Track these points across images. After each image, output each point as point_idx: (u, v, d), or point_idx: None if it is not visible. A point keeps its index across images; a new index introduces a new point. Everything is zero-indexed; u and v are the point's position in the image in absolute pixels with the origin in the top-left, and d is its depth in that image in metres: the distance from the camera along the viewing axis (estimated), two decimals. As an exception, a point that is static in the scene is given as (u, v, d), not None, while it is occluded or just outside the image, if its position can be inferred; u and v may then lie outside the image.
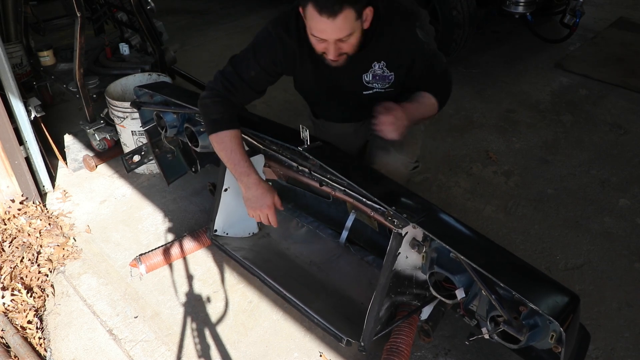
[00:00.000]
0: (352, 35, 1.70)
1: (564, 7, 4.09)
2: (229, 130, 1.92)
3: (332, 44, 1.71)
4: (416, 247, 1.68)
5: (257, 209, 1.97)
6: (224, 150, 1.93)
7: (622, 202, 2.71)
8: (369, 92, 1.98)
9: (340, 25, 1.65)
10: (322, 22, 1.64)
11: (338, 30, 1.66)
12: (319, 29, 1.67)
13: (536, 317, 1.44)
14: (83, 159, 2.97)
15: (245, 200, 1.99)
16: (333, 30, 1.66)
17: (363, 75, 1.94)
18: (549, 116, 3.47)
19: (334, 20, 1.62)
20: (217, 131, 1.92)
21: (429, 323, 1.92)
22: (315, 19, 1.65)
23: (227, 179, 2.18)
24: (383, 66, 1.91)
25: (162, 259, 2.30)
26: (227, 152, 1.93)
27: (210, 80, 1.97)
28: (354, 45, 1.75)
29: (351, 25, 1.66)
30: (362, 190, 1.70)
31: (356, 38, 1.73)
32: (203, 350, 1.99)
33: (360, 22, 1.70)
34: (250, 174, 1.94)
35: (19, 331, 2.02)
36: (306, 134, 1.83)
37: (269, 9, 5.27)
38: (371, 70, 1.92)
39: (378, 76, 1.94)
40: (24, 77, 3.25)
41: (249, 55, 1.92)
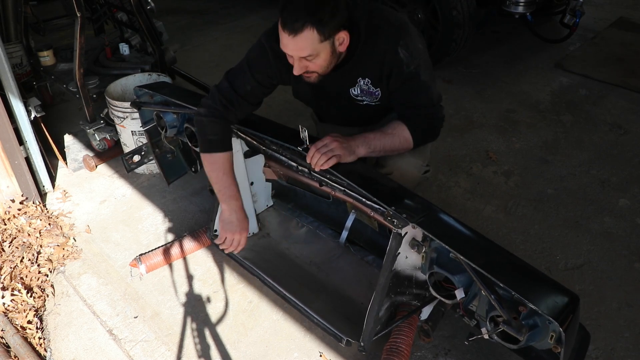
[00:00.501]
0: (318, 57, 1.69)
1: (564, 7, 4.08)
2: (223, 153, 1.95)
3: (296, 60, 1.71)
4: (416, 247, 1.68)
5: (234, 232, 2.01)
6: (215, 171, 1.97)
7: (622, 202, 2.71)
8: (362, 104, 1.98)
9: (300, 45, 1.65)
10: (284, 37, 1.65)
11: (298, 49, 1.67)
12: (282, 43, 1.68)
13: (536, 317, 1.44)
14: (83, 159, 2.97)
15: (226, 223, 2.02)
16: (293, 48, 1.67)
17: (350, 90, 1.94)
18: (549, 116, 3.47)
19: (294, 37, 1.63)
20: (212, 152, 1.95)
21: (429, 323, 1.92)
22: (280, 33, 1.66)
23: (227, 179, 2.18)
24: (368, 82, 1.89)
25: (162, 259, 2.30)
26: (219, 173, 1.97)
27: (207, 96, 1.98)
28: (322, 67, 1.74)
29: (313, 46, 1.65)
30: (362, 190, 1.70)
31: (324, 60, 1.72)
32: (203, 350, 1.99)
33: (329, 45, 1.68)
34: (237, 199, 2.01)
35: (19, 331, 2.03)
36: (305, 134, 1.83)
37: (269, 9, 5.27)
38: (357, 85, 1.91)
39: (364, 91, 1.92)
40: (24, 77, 3.25)
41: (245, 69, 1.91)
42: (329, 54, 1.71)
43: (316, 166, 1.77)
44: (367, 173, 1.84)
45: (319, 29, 1.61)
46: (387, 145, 1.86)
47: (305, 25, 1.60)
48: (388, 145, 1.87)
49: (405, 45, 1.78)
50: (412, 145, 1.89)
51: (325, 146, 1.78)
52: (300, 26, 1.60)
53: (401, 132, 1.86)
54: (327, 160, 1.75)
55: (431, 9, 3.74)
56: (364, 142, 1.83)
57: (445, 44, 3.74)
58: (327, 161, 1.75)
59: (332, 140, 1.79)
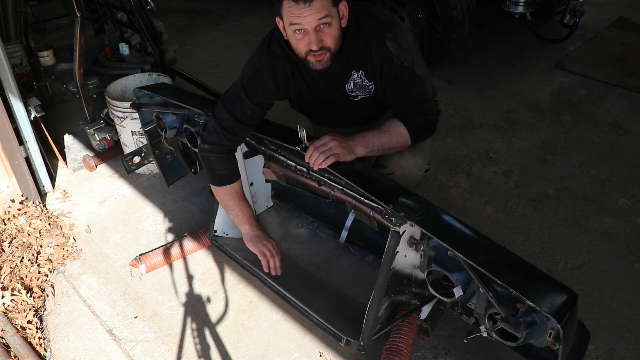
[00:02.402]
0: (331, 25, 1.70)
1: (564, 7, 4.08)
2: (234, 184, 2.06)
3: (312, 33, 1.70)
4: (414, 245, 1.68)
5: (265, 244, 2.11)
6: (229, 200, 2.09)
7: (622, 202, 2.71)
8: (356, 100, 1.98)
9: (317, 7, 1.65)
10: (299, 8, 1.65)
11: (316, 12, 1.66)
12: (297, 14, 1.67)
13: (534, 314, 1.45)
14: (83, 159, 2.98)
15: (254, 240, 2.12)
16: (311, 13, 1.66)
17: (346, 86, 1.94)
18: (548, 116, 3.47)
19: (311, 4, 1.64)
20: (224, 185, 2.05)
21: (428, 322, 1.92)
22: (292, 8, 1.66)
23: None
24: (362, 75, 1.90)
25: (162, 259, 2.30)
26: (233, 201, 2.09)
27: (208, 131, 1.98)
28: (334, 37, 1.74)
29: (328, 8, 1.67)
30: (360, 189, 1.71)
31: (336, 28, 1.73)
32: (203, 350, 1.99)
33: (337, 13, 1.71)
34: (253, 217, 2.15)
35: (19, 331, 2.03)
36: (304, 134, 1.84)
37: (268, 8, 5.27)
38: (351, 79, 1.91)
39: (358, 85, 1.93)
40: (24, 77, 3.26)
41: (241, 95, 1.91)
42: (338, 23, 1.73)
43: (315, 165, 1.78)
44: (366, 172, 1.84)
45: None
46: (384, 143, 1.86)
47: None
48: (386, 144, 1.87)
49: (393, 37, 1.80)
50: (410, 142, 1.90)
51: (323, 145, 1.78)
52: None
53: (398, 129, 1.87)
54: (326, 159, 1.76)
55: (431, 9, 3.74)
56: (362, 142, 1.84)
57: (445, 44, 3.74)
58: (325, 160, 1.76)
59: (330, 140, 1.79)
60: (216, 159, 2.00)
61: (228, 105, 1.93)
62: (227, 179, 2.04)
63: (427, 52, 3.90)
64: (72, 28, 2.72)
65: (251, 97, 1.90)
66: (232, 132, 1.95)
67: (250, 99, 1.90)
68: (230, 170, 2.05)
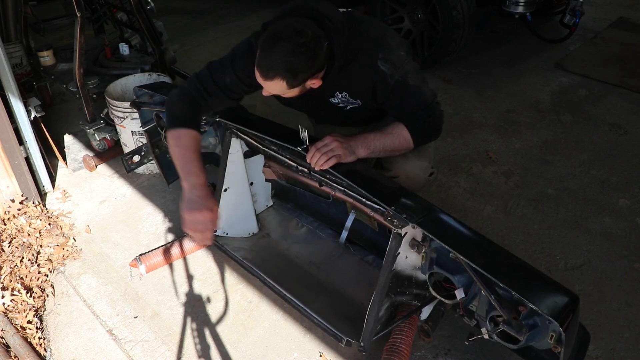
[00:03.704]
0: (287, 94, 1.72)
1: (564, 7, 4.08)
2: (188, 129, 1.85)
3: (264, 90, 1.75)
4: (416, 247, 1.68)
5: (197, 211, 1.70)
6: (178, 147, 1.83)
7: (622, 202, 2.71)
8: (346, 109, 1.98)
9: (269, 87, 1.69)
10: (256, 73, 1.68)
11: (266, 87, 1.70)
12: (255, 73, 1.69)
13: (536, 317, 1.44)
14: (83, 159, 2.97)
15: (186, 202, 1.72)
16: (262, 84, 1.70)
17: (330, 100, 1.94)
18: (548, 116, 3.47)
19: (264, 80, 1.66)
20: (177, 127, 1.84)
21: (429, 323, 1.92)
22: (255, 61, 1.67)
23: (226, 180, 2.18)
24: (346, 95, 1.90)
25: (162, 259, 2.30)
26: (182, 149, 1.82)
27: (184, 81, 1.97)
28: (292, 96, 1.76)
29: (282, 90, 1.69)
30: (362, 190, 1.70)
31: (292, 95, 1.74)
32: (203, 350, 1.99)
33: (299, 88, 1.71)
34: (199, 175, 1.78)
35: (19, 331, 2.03)
36: (305, 134, 1.84)
37: (268, 9, 5.27)
38: (336, 94, 1.92)
39: (344, 100, 1.93)
40: (24, 77, 3.25)
41: (227, 63, 1.90)
42: (297, 92, 1.74)
43: (316, 166, 1.78)
44: (367, 173, 1.84)
45: (289, 82, 1.65)
46: (387, 145, 1.86)
47: (276, 76, 1.63)
48: (388, 146, 1.86)
49: (384, 58, 1.77)
50: (413, 145, 1.89)
51: (325, 146, 1.78)
52: (272, 75, 1.63)
53: (401, 132, 1.86)
54: (327, 160, 1.76)
55: (431, 9, 3.74)
56: (364, 143, 1.83)
57: (445, 44, 3.74)
58: (327, 161, 1.76)
59: (332, 140, 1.79)
60: (177, 100, 1.90)
61: (212, 67, 1.93)
62: (181, 121, 1.85)
63: (427, 52, 3.91)
64: (72, 28, 2.71)
65: (236, 68, 1.88)
66: (205, 89, 1.90)
67: (234, 69, 1.88)
68: (189, 115, 1.88)
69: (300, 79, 1.65)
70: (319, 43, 1.62)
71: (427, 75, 1.93)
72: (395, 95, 1.84)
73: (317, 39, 1.61)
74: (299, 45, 1.58)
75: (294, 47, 1.58)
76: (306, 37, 1.58)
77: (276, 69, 1.61)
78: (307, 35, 1.59)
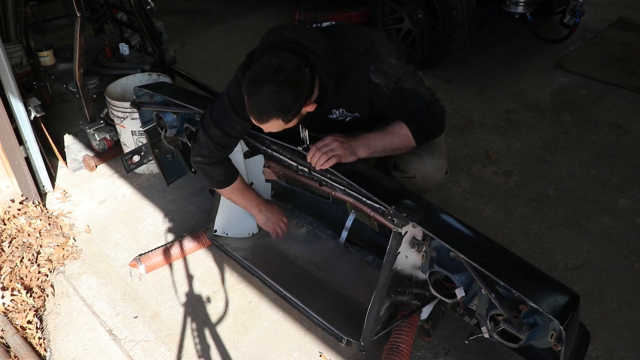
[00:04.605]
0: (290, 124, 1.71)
1: (564, 7, 4.08)
2: (232, 184, 2.11)
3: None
4: (416, 246, 1.68)
5: (275, 223, 2.27)
6: (235, 198, 2.18)
7: (622, 202, 2.71)
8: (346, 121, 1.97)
9: (267, 127, 1.70)
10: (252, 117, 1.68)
11: (266, 128, 1.71)
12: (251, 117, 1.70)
13: (536, 315, 1.44)
14: (83, 159, 2.97)
15: (263, 222, 2.28)
16: (261, 126, 1.70)
17: (328, 116, 1.94)
18: (548, 116, 3.47)
19: (262, 125, 1.68)
20: (224, 187, 2.12)
21: (429, 322, 1.92)
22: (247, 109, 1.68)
23: (227, 179, 2.18)
24: (343, 111, 1.91)
25: (162, 259, 2.30)
26: (238, 197, 2.18)
27: (199, 143, 1.99)
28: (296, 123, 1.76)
29: (280, 127, 1.70)
30: (362, 190, 1.70)
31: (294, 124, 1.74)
32: (203, 350, 1.99)
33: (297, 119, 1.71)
34: (259, 201, 2.24)
35: (19, 331, 2.02)
36: (306, 134, 1.84)
37: (268, 9, 5.27)
38: (333, 112, 1.92)
39: (342, 114, 1.93)
40: (24, 77, 3.25)
41: (230, 111, 1.89)
42: (297, 121, 1.73)
43: (317, 165, 1.77)
44: (367, 173, 1.84)
45: (284, 118, 1.65)
46: (387, 145, 1.85)
47: (271, 117, 1.63)
48: (389, 145, 1.86)
49: (375, 70, 1.76)
50: (414, 143, 1.88)
51: (326, 146, 1.78)
52: (266, 118, 1.64)
53: (401, 130, 1.85)
54: (328, 160, 1.75)
55: (431, 9, 3.74)
56: (365, 143, 1.83)
57: (445, 44, 3.74)
58: (327, 161, 1.75)
59: (332, 140, 1.79)
60: (211, 168, 2.05)
61: (217, 120, 1.92)
62: (225, 181, 2.10)
63: (427, 52, 3.91)
64: (72, 28, 2.71)
65: (239, 113, 1.87)
66: (224, 145, 1.98)
67: (238, 115, 1.88)
68: (227, 173, 2.10)
69: (294, 112, 1.66)
70: (299, 72, 1.61)
71: (427, 75, 1.93)
72: (393, 103, 1.83)
73: (297, 69, 1.61)
74: (281, 82, 1.58)
75: (277, 86, 1.58)
76: (286, 72, 1.58)
77: (268, 112, 1.62)
78: (286, 70, 1.58)
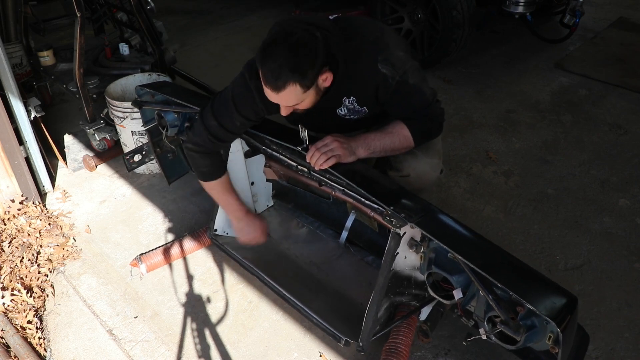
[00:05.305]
0: (304, 101, 1.70)
1: (564, 7, 4.08)
2: (217, 180, 2.10)
3: (282, 106, 1.73)
4: (414, 247, 1.68)
5: (250, 236, 2.23)
6: (215, 194, 2.17)
7: (622, 202, 2.71)
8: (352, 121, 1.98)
9: (284, 98, 1.65)
10: (267, 91, 1.65)
11: (283, 101, 1.68)
12: (266, 92, 1.68)
13: (533, 317, 1.44)
14: (83, 159, 2.98)
15: (238, 230, 2.24)
16: (278, 100, 1.68)
17: (337, 111, 1.93)
18: (548, 116, 3.47)
19: (278, 94, 1.63)
20: (208, 181, 2.11)
21: (428, 323, 1.92)
22: (262, 82, 1.65)
23: (226, 179, 2.19)
24: (353, 101, 1.88)
25: (162, 259, 2.30)
26: (219, 195, 2.16)
27: (194, 131, 1.99)
28: (309, 105, 1.74)
29: (298, 97, 1.65)
30: (361, 190, 1.70)
31: (310, 101, 1.72)
32: (203, 350, 1.99)
33: (313, 90, 1.67)
34: (240, 209, 2.19)
35: (19, 331, 2.03)
36: (305, 134, 1.84)
37: (268, 9, 5.26)
38: (343, 104, 1.90)
39: (351, 110, 1.92)
40: (24, 77, 3.25)
41: (230, 107, 1.89)
42: (314, 95, 1.70)
43: (316, 165, 1.78)
44: (367, 173, 1.84)
45: (302, 83, 1.61)
46: (387, 145, 1.86)
47: (288, 83, 1.59)
48: (388, 145, 1.86)
49: (384, 59, 1.76)
50: (413, 143, 1.88)
51: (325, 146, 1.78)
52: (282, 84, 1.59)
53: (400, 130, 1.85)
54: (327, 160, 1.76)
55: (431, 9, 3.73)
56: (364, 143, 1.83)
57: (445, 44, 3.74)
58: (326, 161, 1.76)
59: (332, 140, 1.79)
60: (199, 157, 2.04)
61: (217, 113, 1.92)
62: (210, 175, 2.09)
63: (427, 52, 3.90)
64: (72, 28, 2.71)
65: (240, 110, 1.89)
66: (219, 138, 1.97)
67: (239, 112, 1.89)
68: (214, 167, 2.08)
69: (311, 76, 1.62)
70: (312, 36, 1.59)
71: (427, 75, 1.92)
72: (397, 96, 1.83)
73: (308, 32, 1.59)
74: (294, 44, 1.57)
75: (290, 47, 1.56)
76: (298, 35, 1.57)
77: (284, 75, 1.58)
78: (298, 34, 1.58)
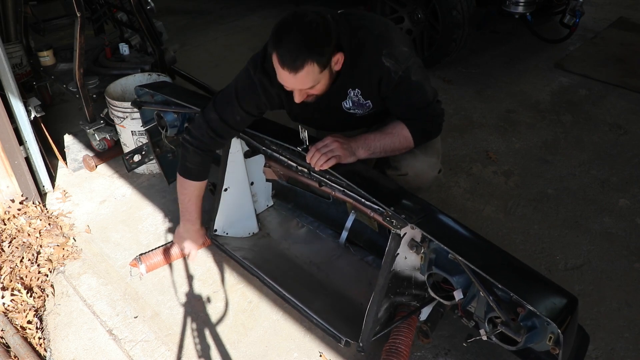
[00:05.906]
0: (319, 83, 1.70)
1: (564, 7, 4.08)
2: (195, 182, 2.09)
3: (296, 91, 1.72)
4: (415, 247, 1.68)
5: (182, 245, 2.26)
6: (183, 195, 2.15)
7: (622, 202, 2.71)
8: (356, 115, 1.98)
9: (302, 80, 1.65)
10: (284, 74, 1.65)
11: (300, 83, 1.67)
12: (281, 78, 1.68)
13: (534, 318, 1.44)
14: (83, 159, 2.98)
15: (179, 237, 2.27)
16: (295, 83, 1.68)
17: (342, 103, 1.93)
18: (548, 116, 3.47)
19: (296, 75, 1.62)
20: (186, 178, 2.08)
21: (428, 324, 1.92)
22: (278, 69, 1.65)
23: (227, 179, 2.19)
24: (358, 93, 1.89)
25: (162, 259, 2.30)
26: (186, 197, 2.15)
27: (194, 124, 2.00)
28: (322, 90, 1.75)
29: (315, 77, 1.66)
30: (361, 191, 1.71)
31: (324, 84, 1.72)
32: (203, 350, 1.99)
33: (327, 71, 1.68)
34: (195, 223, 2.22)
35: (19, 331, 2.03)
36: (305, 135, 1.84)
37: (268, 9, 5.26)
38: (348, 97, 1.91)
39: (355, 103, 1.92)
40: (24, 77, 3.25)
41: (233, 101, 1.90)
42: (327, 78, 1.71)
43: (316, 166, 1.78)
44: (367, 174, 1.84)
45: (319, 61, 1.62)
46: (387, 145, 1.86)
47: (306, 61, 1.59)
48: (388, 146, 1.86)
49: (388, 53, 1.76)
50: (413, 144, 1.89)
51: (325, 146, 1.78)
52: (301, 64, 1.59)
53: (401, 131, 1.86)
54: (327, 161, 1.76)
55: (431, 9, 3.73)
56: (364, 144, 1.84)
57: (445, 44, 3.74)
58: (326, 161, 1.76)
59: (332, 141, 1.79)
60: (192, 152, 2.02)
61: (219, 107, 1.94)
62: (193, 174, 2.08)
63: (427, 52, 3.90)
64: (72, 28, 2.71)
65: (243, 104, 1.90)
66: (218, 133, 1.97)
67: (241, 106, 1.90)
68: (200, 167, 2.07)
69: (327, 54, 1.63)
70: (323, 17, 1.62)
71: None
72: (398, 91, 1.83)
73: (319, 14, 1.62)
74: (308, 23, 1.59)
75: (304, 26, 1.58)
76: (311, 16, 1.60)
77: (302, 54, 1.58)
78: (309, 15, 1.60)
